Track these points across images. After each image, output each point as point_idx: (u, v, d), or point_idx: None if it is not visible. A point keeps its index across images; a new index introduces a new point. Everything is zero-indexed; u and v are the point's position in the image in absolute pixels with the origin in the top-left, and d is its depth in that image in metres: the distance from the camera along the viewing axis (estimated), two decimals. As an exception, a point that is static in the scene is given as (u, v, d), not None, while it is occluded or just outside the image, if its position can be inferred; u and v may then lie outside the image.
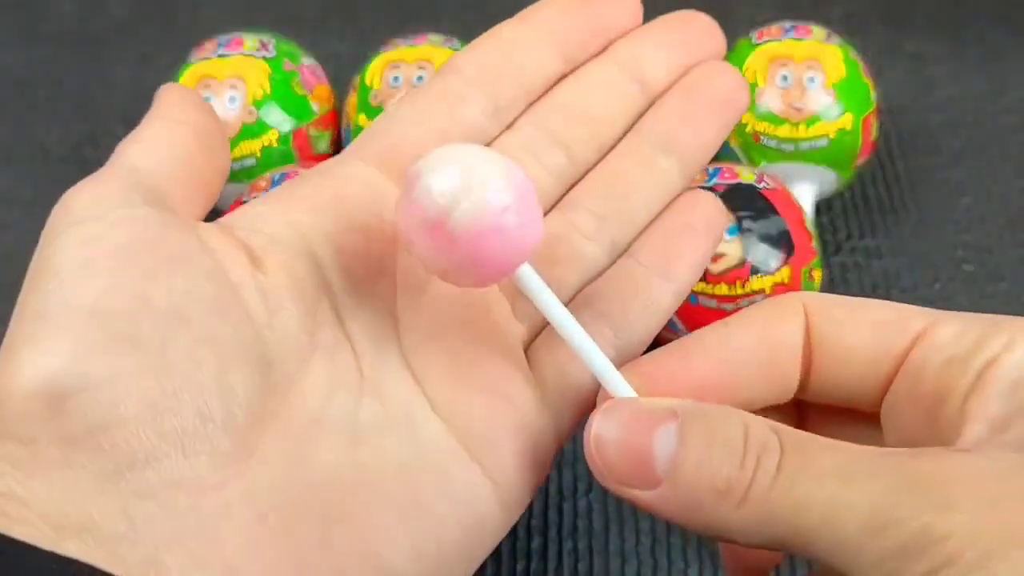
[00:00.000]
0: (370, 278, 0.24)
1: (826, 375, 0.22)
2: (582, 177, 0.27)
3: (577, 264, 0.25)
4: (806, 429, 0.21)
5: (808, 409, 0.24)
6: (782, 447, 0.19)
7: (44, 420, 0.19)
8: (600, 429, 0.20)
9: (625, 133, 0.27)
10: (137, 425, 0.19)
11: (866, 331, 0.22)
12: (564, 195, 0.26)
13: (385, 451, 0.22)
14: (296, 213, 0.24)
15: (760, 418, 0.20)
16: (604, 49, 0.28)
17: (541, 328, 0.25)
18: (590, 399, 0.24)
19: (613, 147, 0.27)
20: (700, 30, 0.28)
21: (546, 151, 0.26)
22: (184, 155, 0.24)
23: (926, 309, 0.22)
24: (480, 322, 0.24)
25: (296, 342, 0.22)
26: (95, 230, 0.21)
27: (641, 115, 0.27)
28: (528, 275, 0.22)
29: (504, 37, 0.27)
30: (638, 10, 0.29)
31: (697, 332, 0.23)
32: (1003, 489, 0.18)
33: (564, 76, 0.28)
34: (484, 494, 0.23)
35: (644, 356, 0.23)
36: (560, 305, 0.22)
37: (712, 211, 0.26)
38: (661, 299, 0.25)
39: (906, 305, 0.23)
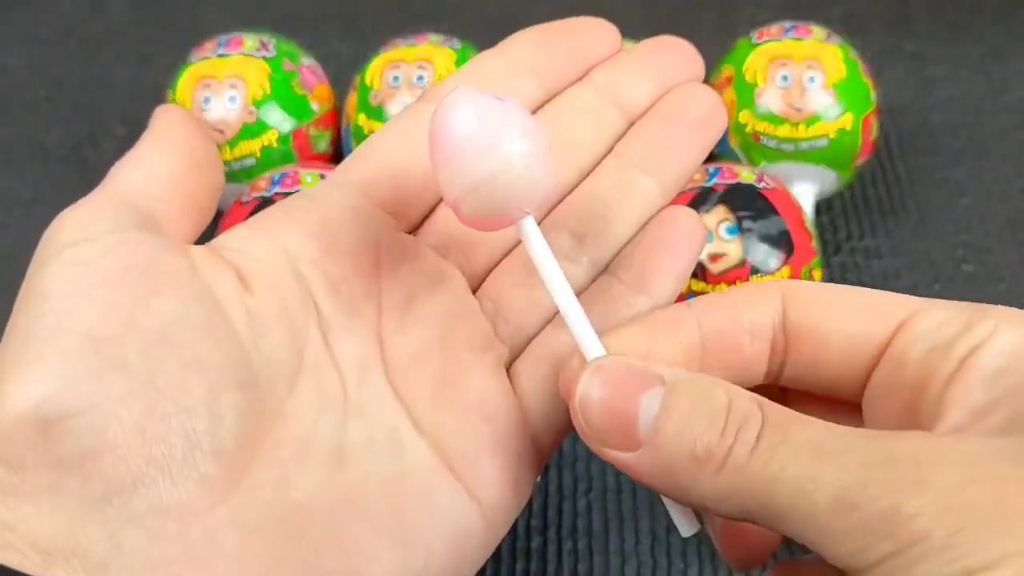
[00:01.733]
0: (356, 301, 0.24)
1: (804, 361, 0.22)
2: (563, 199, 0.27)
3: None
4: None
5: (789, 396, 0.24)
6: (764, 420, 0.19)
7: (34, 445, 0.19)
8: (586, 388, 0.20)
9: (605, 156, 0.28)
10: (126, 451, 0.19)
11: (847, 318, 0.22)
12: (545, 216, 0.27)
13: (371, 472, 0.22)
14: (284, 236, 0.24)
15: (746, 392, 0.20)
16: (583, 76, 0.28)
17: (522, 348, 0.25)
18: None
19: (593, 169, 0.27)
20: (678, 55, 0.29)
21: None
22: (177, 177, 0.24)
23: (910, 297, 0.22)
24: (463, 343, 0.24)
25: (284, 364, 0.22)
26: (85, 253, 0.21)
27: (621, 138, 0.28)
28: (530, 226, 0.23)
29: (484, 67, 0.28)
30: (616, 37, 0.29)
31: (665, 310, 0.23)
32: (975, 472, 0.18)
33: (544, 103, 0.28)
34: (469, 513, 0.23)
35: (612, 331, 0.23)
36: (555, 264, 0.23)
37: (690, 227, 0.26)
38: (639, 315, 0.25)
39: (889, 293, 0.22)
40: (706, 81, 0.48)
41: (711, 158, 0.47)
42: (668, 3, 0.60)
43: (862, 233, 0.48)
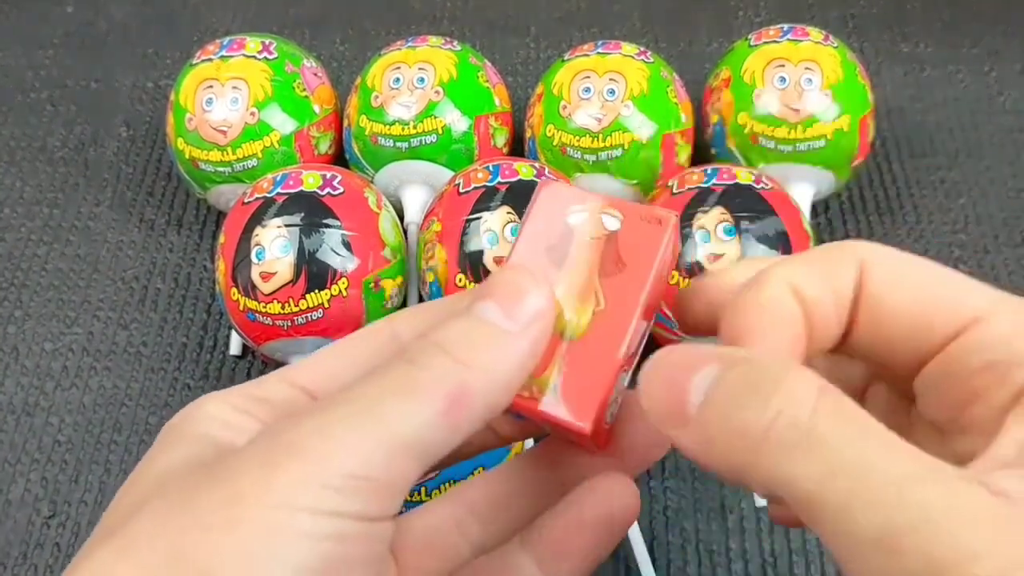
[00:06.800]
0: None
1: (868, 336, 0.21)
2: None
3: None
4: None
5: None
6: (816, 407, 0.18)
7: None
8: (648, 369, 0.20)
9: None
10: None
11: (918, 304, 0.21)
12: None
13: None
14: None
15: (811, 374, 0.18)
16: None
17: None
18: None
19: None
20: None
21: None
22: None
23: (988, 291, 0.21)
24: None
25: None
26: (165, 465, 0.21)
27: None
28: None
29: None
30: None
31: (755, 274, 0.22)
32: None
33: None
34: None
35: (711, 276, 0.23)
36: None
37: (621, 502, 0.24)
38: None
39: (970, 283, 0.21)
40: (704, 83, 0.49)
41: (709, 159, 0.48)
42: (667, 5, 0.60)
43: (859, 233, 0.48)
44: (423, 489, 0.34)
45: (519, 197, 0.39)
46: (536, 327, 0.21)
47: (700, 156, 0.48)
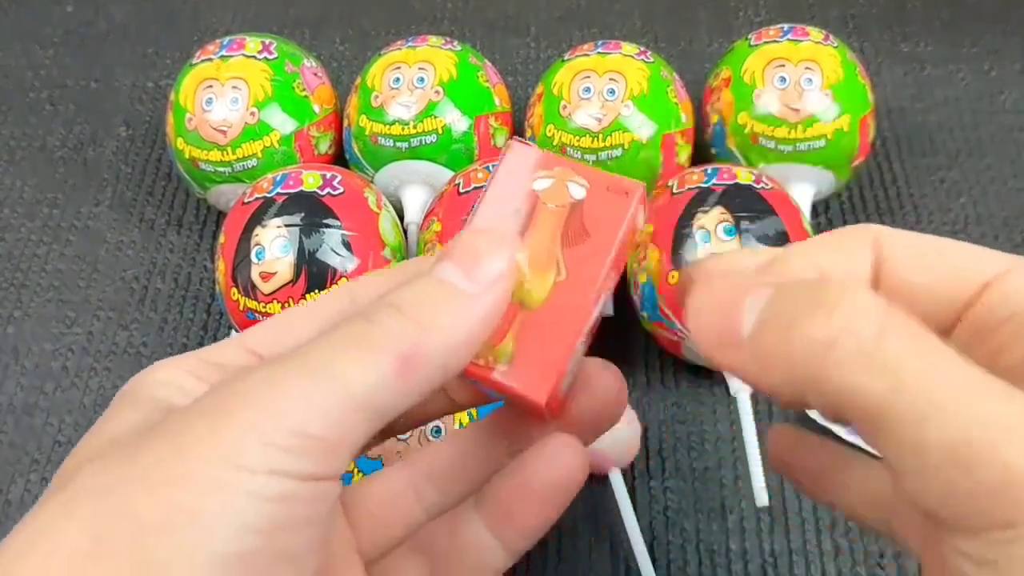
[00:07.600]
0: None
1: None
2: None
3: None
4: None
5: None
6: (886, 319, 0.17)
7: None
8: (697, 295, 0.20)
9: None
10: None
11: (936, 275, 0.21)
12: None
13: None
14: None
15: (870, 290, 0.18)
16: None
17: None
18: None
19: None
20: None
21: None
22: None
23: (1001, 255, 0.21)
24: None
25: None
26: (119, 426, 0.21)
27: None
28: (616, 478, 0.38)
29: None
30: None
31: (763, 254, 0.22)
32: None
33: None
34: None
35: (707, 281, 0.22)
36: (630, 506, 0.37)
37: (570, 467, 0.24)
38: (492, 561, 0.24)
39: (985, 249, 0.21)
40: (704, 83, 0.49)
41: (709, 159, 0.48)
42: (667, 5, 0.60)
43: (859, 233, 0.48)
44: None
45: (519, 197, 0.39)
46: (496, 289, 0.20)
47: (700, 156, 0.48)
